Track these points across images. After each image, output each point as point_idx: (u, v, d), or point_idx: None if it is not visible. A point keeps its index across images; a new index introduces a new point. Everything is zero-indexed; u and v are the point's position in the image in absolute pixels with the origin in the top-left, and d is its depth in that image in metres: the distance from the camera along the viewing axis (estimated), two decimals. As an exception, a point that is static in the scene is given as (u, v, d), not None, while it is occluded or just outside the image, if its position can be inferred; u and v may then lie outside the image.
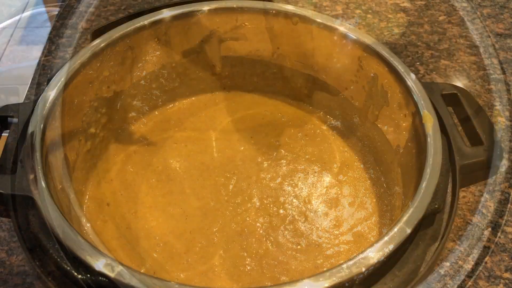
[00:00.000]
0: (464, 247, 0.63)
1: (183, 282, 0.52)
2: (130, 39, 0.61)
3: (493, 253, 0.62)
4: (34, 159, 0.48)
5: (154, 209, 0.59)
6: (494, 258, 0.62)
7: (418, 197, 0.45)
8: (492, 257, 0.62)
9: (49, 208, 0.44)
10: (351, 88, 0.64)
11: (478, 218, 0.66)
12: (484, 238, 0.64)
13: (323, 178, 0.63)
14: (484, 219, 0.66)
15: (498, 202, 0.67)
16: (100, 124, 0.62)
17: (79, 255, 0.41)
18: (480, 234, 0.64)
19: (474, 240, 0.63)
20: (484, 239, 0.64)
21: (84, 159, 0.60)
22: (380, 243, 0.42)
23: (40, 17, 2.20)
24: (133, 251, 0.55)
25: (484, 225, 0.65)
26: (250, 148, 0.66)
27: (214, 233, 0.57)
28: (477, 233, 0.64)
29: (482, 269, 0.61)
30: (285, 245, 0.56)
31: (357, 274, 0.40)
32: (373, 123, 0.62)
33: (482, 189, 0.69)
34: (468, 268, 0.61)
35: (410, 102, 0.53)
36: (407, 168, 0.55)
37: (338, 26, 0.61)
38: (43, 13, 2.18)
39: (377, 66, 0.58)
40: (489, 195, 0.68)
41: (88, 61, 0.57)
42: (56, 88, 0.54)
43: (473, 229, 0.65)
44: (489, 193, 0.69)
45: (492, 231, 0.64)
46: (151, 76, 0.67)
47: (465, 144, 0.52)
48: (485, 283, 0.59)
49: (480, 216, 0.66)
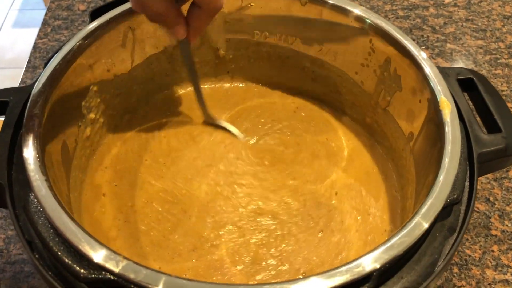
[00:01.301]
0: (470, 235, 0.62)
1: (190, 276, 0.51)
2: (131, 20, 0.59)
3: (500, 242, 0.61)
4: (31, 146, 0.45)
5: (153, 199, 0.58)
6: (501, 247, 0.61)
7: (437, 188, 0.43)
8: (500, 245, 0.61)
9: (48, 198, 0.42)
10: (362, 72, 0.61)
11: (485, 206, 0.65)
12: (491, 226, 0.63)
13: (330, 165, 0.61)
14: (492, 207, 0.65)
15: (505, 190, 0.67)
16: (99, 109, 0.60)
17: (80, 248, 0.39)
18: (487, 222, 0.63)
19: (481, 229, 0.63)
20: (491, 227, 0.63)
21: (83, 146, 0.58)
22: (397, 238, 0.40)
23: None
24: (133, 242, 0.54)
25: (491, 213, 0.64)
26: (254, 132, 0.65)
27: (219, 223, 0.55)
28: (484, 221, 0.63)
29: (489, 258, 0.60)
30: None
31: (373, 270, 0.38)
32: (385, 109, 0.60)
33: (489, 176, 0.68)
34: (475, 257, 0.60)
35: (425, 87, 0.51)
36: (420, 156, 0.53)
37: (349, 7, 0.58)
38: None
39: (390, 50, 0.56)
40: (496, 183, 0.68)
41: (87, 43, 0.55)
42: (53, 71, 0.51)
43: (480, 217, 0.64)
44: (497, 181, 0.68)
45: (499, 219, 0.64)
46: (152, 58, 0.64)
47: (482, 132, 0.50)
48: (493, 272, 0.59)
49: (487, 204, 0.65)
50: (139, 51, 0.62)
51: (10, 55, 1.97)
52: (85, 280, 0.39)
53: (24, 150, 0.45)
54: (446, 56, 0.85)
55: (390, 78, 0.58)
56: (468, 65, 0.84)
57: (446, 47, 0.87)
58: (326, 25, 0.61)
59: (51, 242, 0.41)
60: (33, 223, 0.42)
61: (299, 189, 0.59)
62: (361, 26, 0.58)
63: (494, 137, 0.50)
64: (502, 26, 0.91)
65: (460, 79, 0.54)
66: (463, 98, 0.53)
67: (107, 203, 0.57)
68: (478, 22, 0.92)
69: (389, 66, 0.58)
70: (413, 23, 0.91)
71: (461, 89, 0.54)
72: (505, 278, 0.58)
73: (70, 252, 0.40)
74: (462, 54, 0.86)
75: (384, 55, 0.58)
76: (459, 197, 0.44)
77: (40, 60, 0.84)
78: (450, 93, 0.51)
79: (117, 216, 0.56)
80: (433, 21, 0.92)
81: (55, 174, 0.48)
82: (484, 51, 0.86)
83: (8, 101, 0.52)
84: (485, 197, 0.66)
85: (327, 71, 0.66)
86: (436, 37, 0.89)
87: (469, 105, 0.53)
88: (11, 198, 0.46)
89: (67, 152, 0.54)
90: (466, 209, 0.46)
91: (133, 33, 0.60)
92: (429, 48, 0.86)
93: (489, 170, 0.51)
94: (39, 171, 0.44)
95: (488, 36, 0.89)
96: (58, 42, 0.87)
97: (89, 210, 0.56)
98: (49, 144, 0.49)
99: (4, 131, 0.50)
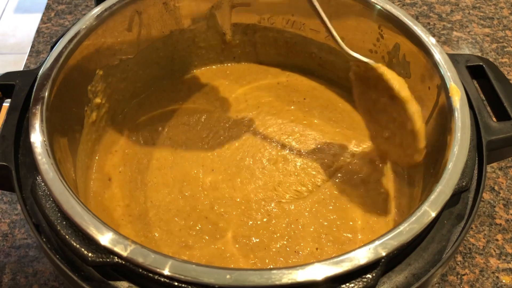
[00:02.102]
0: (475, 224, 0.62)
1: (198, 260, 0.50)
2: (137, 3, 0.58)
3: (504, 231, 0.61)
4: (38, 130, 0.45)
5: (161, 184, 0.57)
6: (505, 236, 0.61)
7: (446, 175, 0.43)
8: (504, 234, 0.61)
9: (55, 181, 0.42)
10: (370, 58, 0.61)
11: (489, 195, 0.65)
12: (495, 215, 0.63)
13: (337, 149, 0.61)
14: (496, 196, 0.65)
15: (510, 179, 0.67)
16: (105, 94, 0.59)
17: (88, 232, 0.39)
18: (491, 211, 0.63)
19: (485, 217, 0.63)
20: (495, 216, 0.63)
21: (89, 131, 0.57)
22: (406, 224, 0.40)
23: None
24: (141, 228, 0.54)
25: (496, 202, 0.64)
26: (259, 122, 0.64)
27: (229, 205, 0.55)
28: (488, 210, 0.63)
29: (494, 247, 0.60)
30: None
31: (381, 257, 0.38)
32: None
33: (494, 165, 0.68)
34: (479, 246, 0.60)
35: (435, 74, 0.51)
36: (429, 143, 0.52)
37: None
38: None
39: (399, 36, 0.56)
40: (502, 171, 0.67)
41: (94, 27, 0.54)
42: (59, 54, 0.51)
43: (485, 206, 0.64)
44: (502, 170, 0.68)
45: (504, 208, 0.63)
46: (159, 43, 0.64)
47: (491, 119, 0.50)
48: (496, 261, 0.59)
49: (491, 193, 0.65)
50: (145, 35, 0.61)
51: (12, 40, 1.96)
52: (93, 263, 0.39)
53: (31, 133, 0.45)
54: (453, 44, 0.85)
55: (399, 64, 0.57)
56: (475, 53, 0.83)
57: (453, 35, 0.86)
58: (334, 9, 0.60)
59: (58, 226, 0.41)
60: (40, 206, 0.42)
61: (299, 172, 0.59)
62: (370, 11, 0.58)
63: (504, 125, 0.50)
64: (510, 14, 0.90)
65: (470, 66, 0.54)
66: (473, 85, 0.53)
67: (113, 188, 0.57)
68: (485, 9, 0.91)
69: (398, 53, 0.57)
70: (420, 11, 0.90)
71: (470, 76, 0.53)
72: (509, 266, 0.58)
73: (78, 236, 0.40)
74: (469, 42, 0.85)
75: (393, 41, 0.57)
76: (468, 185, 0.44)
77: (44, 45, 0.83)
78: (460, 80, 0.50)
79: (123, 201, 0.56)
80: (440, 8, 0.91)
81: (62, 158, 0.48)
82: (491, 39, 0.86)
83: (14, 84, 0.51)
84: (490, 186, 0.66)
85: (334, 56, 0.65)
86: (442, 25, 0.88)
87: (478, 93, 0.53)
88: (18, 182, 0.45)
89: (73, 136, 0.54)
90: (474, 196, 0.46)
91: (140, 17, 0.59)
92: (435, 36, 0.86)
93: (498, 157, 0.51)
94: (46, 154, 0.43)
95: (495, 24, 0.88)
96: (62, 27, 0.86)
97: (96, 195, 0.56)
98: (56, 128, 0.49)
99: (11, 114, 0.49)
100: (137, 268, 0.38)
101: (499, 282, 0.57)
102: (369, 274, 0.38)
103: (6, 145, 0.47)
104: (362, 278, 0.38)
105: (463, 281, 0.57)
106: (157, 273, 0.37)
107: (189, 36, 0.66)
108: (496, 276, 0.57)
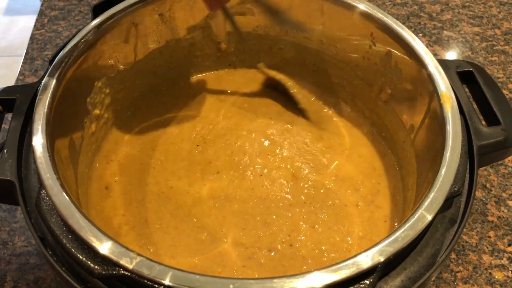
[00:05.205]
0: (468, 221, 0.63)
1: (198, 266, 0.52)
2: (133, 15, 0.59)
3: (496, 227, 0.62)
4: (41, 144, 0.46)
5: (160, 193, 0.58)
6: (497, 233, 0.62)
7: (438, 182, 0.44)
8: (496, 231, 0.62)
9: (60, 197, 0.43)
10: (362, 65, 0.62)
11: (481, 193, 0.66)
12: (487, 212, 0.64)
13: (332, 156, 0.62)
14: (488, 193, 0.66)
15: (501, 176, 0.68)
16: (104, 105, 0.60)
17: (94, 246, 0.40)
18: (483, 209, 0.64)
19: (477, 215, 0.64)
20: (487, 213, 0.64)
21: (89, 142, 0.58)
22: (401, 231, 0.41)
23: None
24: (141, 237, 0.55)
25: (487, 200, 0.65)
26: (256, 128, 0.65)
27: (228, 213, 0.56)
28: (480, 208, 0.64)
29: (486, 244, 0.61)
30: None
31: (378, 263, 0.39)
32: (385, 101, 0.61)
33: (485, 163, 0.69)
34: (472, 243, 0.61)
35: (427, 81, 0.52)
36: (421, 148, 0.54)
37: (351, 1, 0.59)
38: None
39: (392, 43, 0.56)
40: (493, 169, 0.68)
41: (92, 40, 0.55)
42: (59, 69, 0.52)
43: (477, 204, 0.65)
44: (493, 167, 0.68)
45: (495, 205, 0.65)
46: (155, 53, 0.64)
47: (481, 124, 0.51)
48: (489, 257, 0.60)
49: (483, 190, 0.66)
50: (141, 46, 0.62)
51: (3, 43, 1.95)
52: (99, 276, 0.39)
53: (35, 148, 0.46)
54: (443, 44, 0.86)
55: (391, 71, 0.59)
56: (465, 52, 0.84)
57: (443, 34, 0.87)
58: (327, 18, 0.61)
59: (64, 239, 0.41)
60: (45, 220, 0.43)
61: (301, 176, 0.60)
62: (362, 19, 0.59)
63: (494, 130, 0.51)
64: (498, 13, 0.91)
65: (460, 71, 0.55)
66: (463, 91, 0.54)
67: (113, 198, 0.57)
68: (475, 8, 0.92)
69: (390, 60, 0.58)
70: (410, 10, 0.91)
71: (460, 82, 0.54)
72: (501, 263, 0.59)
73: (83, 249, 0.41)
74: (459, 41, 0.86)
75: (385, 49, 0.58)
76: (460, 190, 0.45)
77: (38, 52, 0.83)
78: (451, 87, 0.51)
79: (123, 210, 0.56)
80: (430, 8, 0.92)
81: (64, 171, 0.49)
82: (481, 38, 0.86)
83: (15, 99, 0.52)
84: (482, 184, 0.67)
85: (328, 64, 0.66)
86: (433, 24, 0.89)
87: (468, 98, 0.54)
88: (22, 196, 0.46)
89: (74, 148, 0.54)
90: (466, 200, 0.48)
91: (136, 28, 0.60)
92: (426, 36, 0.87)
93: (488, 161, 0.52)
94: (50, 170, 0.44)
95: (484, 23, 0.89)
96: (56, 33, 0.86)
97: (96, 205, 0.56)
98: (57, 141, 0.50)
99: (13, 129, 0.50)
100: (142, 280, 0.39)
101: (492, 278, 0.58)
102: (367, 280, 0.39)
103: (10, 160, 0.48)
104: (360, 284, 0.39)
105: (457, 278, 0.58)
106: (162, 284, 0.38)
107: (185, 45, 0.66)
108: (489, 273, 0.58)
